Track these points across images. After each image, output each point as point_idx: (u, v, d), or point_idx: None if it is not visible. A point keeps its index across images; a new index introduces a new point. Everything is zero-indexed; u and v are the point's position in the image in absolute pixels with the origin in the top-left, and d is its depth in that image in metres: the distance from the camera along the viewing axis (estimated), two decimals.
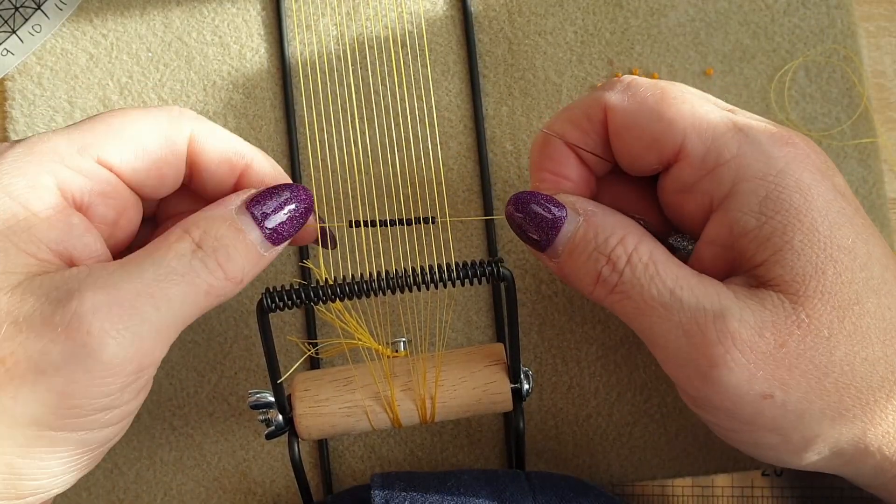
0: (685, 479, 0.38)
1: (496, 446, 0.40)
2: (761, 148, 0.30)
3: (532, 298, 0.40)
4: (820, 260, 0.29)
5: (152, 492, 0.39)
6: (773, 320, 0.29)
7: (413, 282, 0.31)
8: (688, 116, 0.31)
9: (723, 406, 0.30)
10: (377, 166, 0.41)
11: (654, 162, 0.32)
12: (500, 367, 0.34)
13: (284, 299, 0.31)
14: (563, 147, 0.34)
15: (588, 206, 0.32)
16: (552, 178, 0.34)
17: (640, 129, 0.32)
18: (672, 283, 0.30)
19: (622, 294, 0.31)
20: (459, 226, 0.41)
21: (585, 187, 0.34)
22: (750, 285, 0.30)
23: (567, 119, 0.34)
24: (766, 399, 0.29)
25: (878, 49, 0.42)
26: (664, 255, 0.31)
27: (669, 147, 0.31)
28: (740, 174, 0.30)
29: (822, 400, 0.29)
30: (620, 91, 0.33)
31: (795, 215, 0.29)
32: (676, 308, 0.29)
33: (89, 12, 0.42)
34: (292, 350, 0.40)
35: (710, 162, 0.31)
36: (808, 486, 0.38)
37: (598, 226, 0.31)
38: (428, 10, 0.42)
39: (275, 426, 0.34)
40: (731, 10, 0.42)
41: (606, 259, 0.31)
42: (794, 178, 0.30)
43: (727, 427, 0.31)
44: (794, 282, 0.29)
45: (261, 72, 0.42)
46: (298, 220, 0.31)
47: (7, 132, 0.42)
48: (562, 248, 0.32)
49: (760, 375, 0.28)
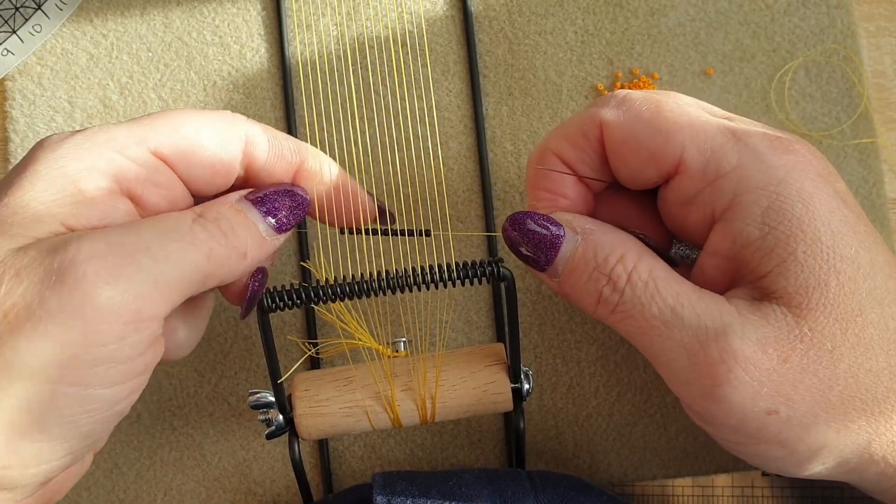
0: (685, 479, 0.38)
1: (496, 446, 0.40)
2: (761, 157, 0.30)
3: (532, 298, 0.40)
4: (823, 271, 0.29)
5: (152, 492, 0.39)
6: (775, 335, 0.28)
7: (413, 282, 0.31)
8: (685, 128, 0.31)
9: (728, 423, 0.29)
10: (377, 166, 0.41)
11: (654, 176, 0.32)
12: (501, 367, 0.34)
13: (284, 299, 0.31)
14: (559, 165, 0.33)
15: (586, 224, 0.32)
16: (549, 197, 0.34)
17: (637, 143, 0.32)
18: (673, 300, 0.29)
19: (624, 314, 0.30)
20: (459, 225, 0.41)
21: (583, 204, 0.34)
22: (753, 298, 0.30)
23: (562, 136, 0.34)
24: (772, 415, 0.29)
25: (878, 49, 0.42)
26: (664, 271, 0.30)
27: (668, 160, 0.31)
28: (741, 185, 0.30)
29: (828, 413, 0.29)
30: (615, 106, 0.32)
31: (798, 225, 0.29)
32: (678, 326, 0.29)
33: (89, 12, 0.42)
34: (292, 350, 0.40)
35: (711, 174, 0.31)
36: (808, 486, 0.38)
37: (597, 244, 0.31)
38: (428, 10, 0.42)
39: (275, 426, 0.34)
40: (731, 10, 0.42)
41: (607, 278, 0.30)
42: (795, 188, 0.29)
43: (732, 440, 0.31)
44: (798, 294, 0.29)
45: (261, 72, 0.42)
46: (298, 211, 0.32)
47: (7, 132, 0.42)
48: (561, 267, 0.31)
49: (765, 392, 0.28)
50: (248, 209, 0.31)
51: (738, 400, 0.28)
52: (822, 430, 0.29)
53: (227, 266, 0.30)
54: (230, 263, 0.30)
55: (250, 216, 0.31)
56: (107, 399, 0.28)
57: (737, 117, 0.32)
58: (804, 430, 0.29)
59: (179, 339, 0.33)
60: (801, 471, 0.31)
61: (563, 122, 0.34)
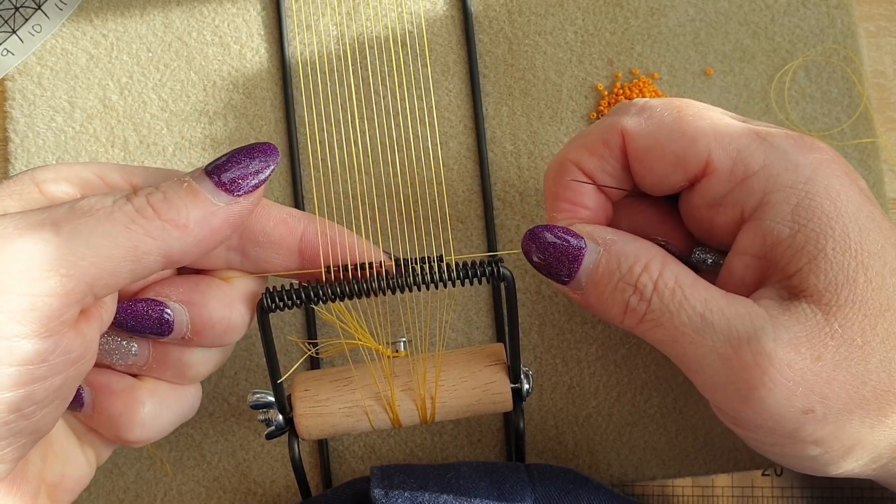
0: (685, 479, 0.38)
1: (496, 446, 0.40)
2: (787, 156, 0.30)
3: (532, 298, 0.40)
4: (851, 268, 0.29)
5: (152, 492, 0.39)
6: (807, 335, 0.28)
7: (413, 282, 0.31)
8: (709, 131, 0.31)
9: (763, 425, 0.29)
10: (377, 166, 0.41)
11: (681, 180, 0.32)
12: (501, 367, 0.34)
13: (284, 299, 0.31)
14: (578, 175, 0.33)
15: (607, 235, 0.31)
16: (569, 208, 0.33)
17: (662, 149, 0.31)
18: (701, 307, 0.29)
19: (652, 322, 0.30)
20: (459, 226, 0.41)
21: (602, 214, 0.34)
22: (781, 297, 0.30)
23: (581, 146, 0.33)
24: (807, 414, 0.29)
25: (878, 49, 0.42)
26: (690, 277, 0.30)
27: (695, 163, 0.31)
28: (770, 184, 0.30)
29: (862, 409, 0.29)
30: (636, 114, 0.32)
31: (827, 222, 0.29)
32: (709, 333, 0.29)
33: (89, 12, 0.42)
34: (292, 350, 0.40)
35: (739, 174, 0.31)
36: (808, 486, 0.38)
37: (620, 254, 0.31)
38: (428, 10, 0.42)
39: (275, 426, 0.34)
40: (731, 10, 0.42)
41: (633, 288, 0.30)
42: (823, 185, 0.30)
43: (767, 442, 0.31)
44: (827, 291, 0.29)
45: (261, 72, 0.42)
46: (258, 174, 0.29)
47: (7, 132, 0.42)
48: (585, 280, 0.31)
49: (800, 392, 0.28)
50: (196, 179, 0.29)
51: (773, 402, 0.28)
52: (857, 426, 0.29)
53: (160, 241, 0.27)
54: (164, 238, 0.27)
55: (196, 186, 0.29)
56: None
57: (755, 121, 0.32)
58: (839, 427, 0.29)
59: (145, 413, 0.32)
60: (834, 469, 0.31)
61: (581, 132, 0.34)
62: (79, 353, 0.27)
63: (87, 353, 0.28)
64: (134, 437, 0.32)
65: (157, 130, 0.42)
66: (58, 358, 0.27)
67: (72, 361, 0.27)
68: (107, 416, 0.32)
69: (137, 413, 0.31)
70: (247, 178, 0.29)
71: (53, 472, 0.31)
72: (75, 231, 0.26)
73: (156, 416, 0.32)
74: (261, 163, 0.29)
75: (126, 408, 0.31)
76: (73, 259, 0.26)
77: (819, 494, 0.38)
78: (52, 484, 0.31)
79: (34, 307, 0.25)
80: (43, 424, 0.28)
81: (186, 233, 0.28)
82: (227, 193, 0.29)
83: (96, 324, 0.29)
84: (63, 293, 0.26)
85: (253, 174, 0.29)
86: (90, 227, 0.27)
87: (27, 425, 0.27)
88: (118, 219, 0.27)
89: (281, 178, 0.41)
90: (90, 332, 0.28)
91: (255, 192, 0.29)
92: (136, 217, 0.27)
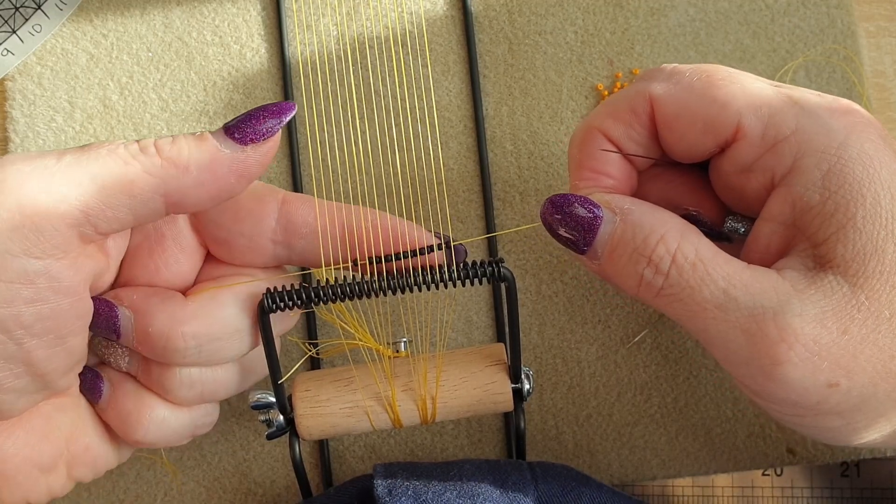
0: (685, 479, 0.38)
1: (496, 446, 0.40)
2: (820, 120, 0.29)
3: (532, 298, 0.40)
4: (881, 237, 0.28)
5: (152, 492, 0.39)
6: (833, 308, 0.28)
7: (413, 282, 0.31)
8: (740, 96, 0.30)
9: (788, 398, 0.29)
10: (377, 166, 0.41)
11: (711, 146, 0.31)
12: (501, 367, 0.34)
13: (285, 299, 0.31)
14: (604, 143, 0.33)
15: (624, 204, 0.31)
16: (593, 177, 0.33)
17: (692, 115, 0.31)
18: (724, 282, 0.29)
19: (671, 297, 0.30)
20: (460, 226, 0.41)
21: (627, 184, 0.33)
22: (807, 268, 0.29)
23: (608, 114, 0.33)
24: (832, 387, 0.28)
25: (878, 49, 0.42)
26: (711, 251, 0.30)
27: (726, 128, 0.30)
28: (801, 149, 0.29)
29: (887, 382, 0.28)
30: (664, 80, 0.32)
31: (858, 189, 0.28)
32: (732, 309, 0.28)
33: (89, 12, 0.42)
34: (293, 350, 0.40)
35: (770, 138, 0.30)
36: (808, 486, 0.38)
37: (636, 225, 0.30)
38: (428, 10, 0.42)
39: (276, 427, 0.34)
40: (731, 10, 0.42)
41: (647, 260, 0.30)
42: (856, 150, 0.29)
43: (789, 413, 0.30)
44: (855, 261, 0.28)
45: (261, 72, 0.42)
46: (269, 123, 0.29)
47: (7, 132, 0.42)
48: (601, 249, 0.31)
49: (825, 366, 0.28)
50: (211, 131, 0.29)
51: (798, 376, 0.28)
52: (882, 400, 0.29)
53: (161, 179, 0.28)
54: (164, 176, 0.28)
55: (207, 133, 0.29)
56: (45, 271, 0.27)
57: (790, 86, 0.31)
58: (864, 400, 0.29)
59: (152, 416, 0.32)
60: (856, 440, 0.30)
61: (607, 99, 0.34)
62: (69, 284, 0.27)
63: (78, 291, 0.28)
64: (138, 437, 0.32)
65: (158, 130, 0.42)
66: (45, 283, 0.27)
67: (61, 291, 0.27)
68: (117, 412, 0.32)
69: (144, 416, 0.32)
70: (257, 129, 0.29)
71: (79, 443, 0.32)
72: (76, 160, 0.27)
73: (162, 423, 0.33)
74: (275, 119, 0.30)
75: (135, 408, 0.32)
76: (69, 184, 0.27)
77: (819, 494, 0.38)
78: (75, 455, 0.32)
79: (23, 225, 0.26)
80: (37, 360, 0.28)
81: (186, 174, 0.28)
82: (234, 141, 0.29)
83: (92, 263, 0.29)
84: (56, 215, 0.26)
85: (264, 126, 0.29)
86: (91, 159, 0.27)
87: (18, 352, 0.27)
88: (120, 154, 0.28)
89: (281, 178, 0.41)
90: (85, 267, 0.28)
91: (263, 142, 0.29)
92: (138, 154, 0.28)
